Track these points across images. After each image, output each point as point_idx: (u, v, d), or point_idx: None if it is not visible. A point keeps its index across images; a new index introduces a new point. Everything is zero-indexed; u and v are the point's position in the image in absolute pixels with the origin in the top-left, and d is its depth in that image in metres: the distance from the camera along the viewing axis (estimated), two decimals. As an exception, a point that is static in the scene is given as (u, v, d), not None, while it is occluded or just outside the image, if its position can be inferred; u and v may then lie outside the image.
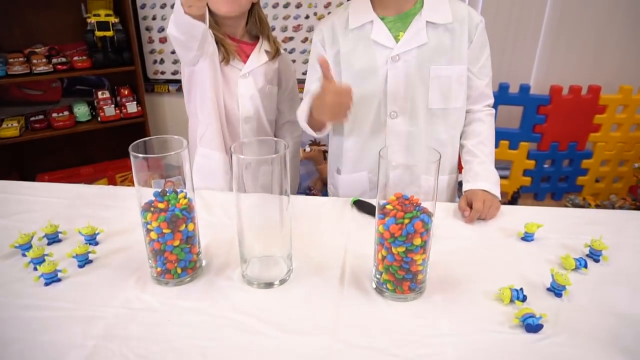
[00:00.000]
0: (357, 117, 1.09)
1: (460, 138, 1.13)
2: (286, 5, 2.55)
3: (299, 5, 2.56)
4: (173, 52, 2.71)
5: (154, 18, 2.64)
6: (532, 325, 0.64)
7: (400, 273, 0.70)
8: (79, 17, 2.44)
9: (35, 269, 0.78)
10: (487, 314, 0.68)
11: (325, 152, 2.50)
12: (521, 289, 0.71)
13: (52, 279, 0.76)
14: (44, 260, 0.79)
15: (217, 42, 1.16)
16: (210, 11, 1.16)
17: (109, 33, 2.36)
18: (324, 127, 1.06)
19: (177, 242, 0.73)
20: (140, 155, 0.69)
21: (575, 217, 0.96)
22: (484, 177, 1.04)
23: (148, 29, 2.66)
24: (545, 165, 2.57)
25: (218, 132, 1.21)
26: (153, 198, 0.73)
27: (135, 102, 2.55)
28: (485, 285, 0.74)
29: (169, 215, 0.71)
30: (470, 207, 0.96)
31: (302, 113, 1.07)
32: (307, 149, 2.31)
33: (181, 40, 1.04)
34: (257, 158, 0.70)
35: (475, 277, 0.77)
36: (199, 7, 0.93)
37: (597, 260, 0.80)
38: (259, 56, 1.23)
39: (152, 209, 0.72)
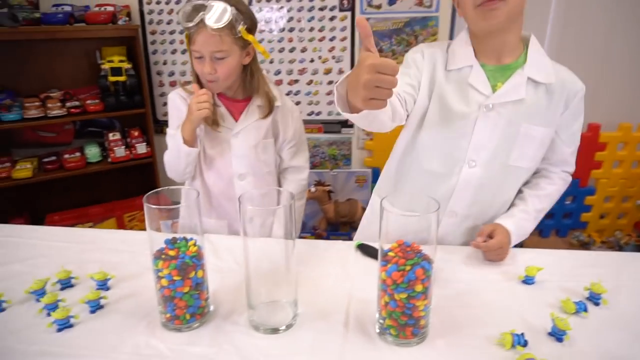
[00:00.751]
0: (432, 156, 1.07)
1: (524, 184, 1.10)
2: (292, 50, 2.66)
3: (304, 50, 2.66)
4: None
5: (164, 63, 2.75)
6: (533, 371, 0.65)
7: (403, 319, 0.72)
8: (93, 62, 2.56)
9: (49, 314, 0.81)
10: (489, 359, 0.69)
11: (330, 192, 2.54)
12: (522, 333, 0.72)
13: (65, 324, 0.78)
14: (57, 307, 0.82)
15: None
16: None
17: (122, 78, 2.46)
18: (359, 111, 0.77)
19: (186, 289, 0.75)
20: (154, 205, 0.73)
21: (575, 260, 0.98)
22: (517, 223, 1.02)
23: (159, 73, 2.77)
24: (549, 202, 2.58)
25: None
26: (164, 245, 0.76)
27: (145, 143, 2.62)
28: (487, 330, 0.75)
29: (179, 263, 0.74)
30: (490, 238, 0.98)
31: (339, 89, 0.80)
32: (312, 189, 2.35)
33: (179, 171, 1.25)
34: (262, 209, 0.74)
35: (477, 321, 0.78)
36: (209, 107, 1.14)
37: (597, 304, 0.82)
38: (249, 114, 1.25)
39: (163, 256, 0.75)
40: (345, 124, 2.81)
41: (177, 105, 1.25)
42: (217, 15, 1.09)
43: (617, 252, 1.21)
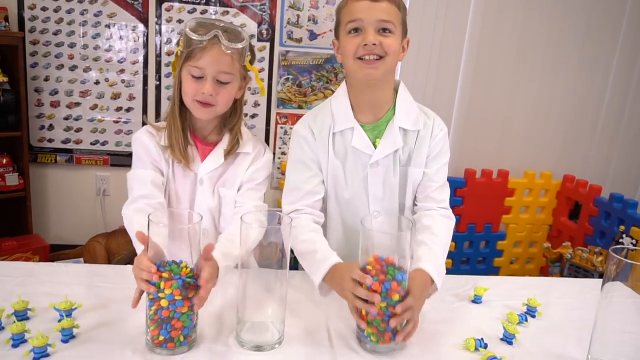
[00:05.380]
0: (343, 219, 1.33)
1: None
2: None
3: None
4: (66, 118, 2.83)
5: (46, 79, 2.76)
6: (496, 365, 0.94)
7: (382, 325, 0.96)
8: (-45, 73, 2.49)
9: (15, 345, 0.90)
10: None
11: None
12: (482, 338, 1.01)
13: (42, 354, 0.88)
14: (24, 338, 0.91)
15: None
16: (183, 103, 1.26)
17: (-4, 93, 2.43)
18: None
19: (185, 309, 0.92)
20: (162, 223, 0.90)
21: (511, 283, 1.33)
22: (426, 259, 1.14)
23: (38, 90, 2.76)
24: (464, 248, 3.07)
25: None
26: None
27: (16, 174, 2.57)
28: (451, 339, 1.03)
29: (182, 282, 0.91)
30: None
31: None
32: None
33: None
34: (267, 228, 0.95)
35: (441, 333, 1.06)
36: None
37: (533, 316, 1.15)
38: (216, 158, 1.30)
39: (159, 277, 0.91)
40: (260, 160, 3.05)
41: (144, 145, 1.27)
42: (235, 34, 1.21)
43: (542, 277, 1.60)
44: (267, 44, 2.91)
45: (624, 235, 2.53)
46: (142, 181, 1.24)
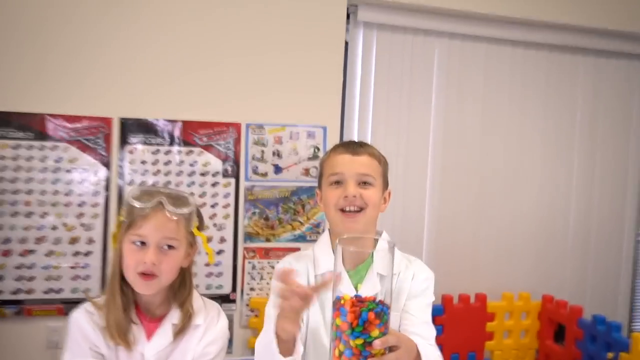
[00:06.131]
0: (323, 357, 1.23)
1: None
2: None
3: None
4: (18, 267, 2.67)
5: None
6: None
7: None
8: None
9: None
10: None
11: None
12: None
13: None
14: None
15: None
16: (123, 278, 1.18)
17: (-59, 248, 2.29)
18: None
19: None
20: None
21: None
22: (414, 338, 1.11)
23: (-11, 240, 2.63)
24: (451, 381, 2.87)
25: None
26: None
27: (-43, 334, 2.34)
28: None
29: None
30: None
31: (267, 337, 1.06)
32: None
33: None
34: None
35: None
36: None
37: None
38: (164, 335, 1.19)
39: None
40: (227, 298, 2.90)
41: (82, 329, 1.17)
42: (181, 200, 1.19)
43: None
44: (233, 180, 2.90)
45: (614, 360, 2.41)
46: None
